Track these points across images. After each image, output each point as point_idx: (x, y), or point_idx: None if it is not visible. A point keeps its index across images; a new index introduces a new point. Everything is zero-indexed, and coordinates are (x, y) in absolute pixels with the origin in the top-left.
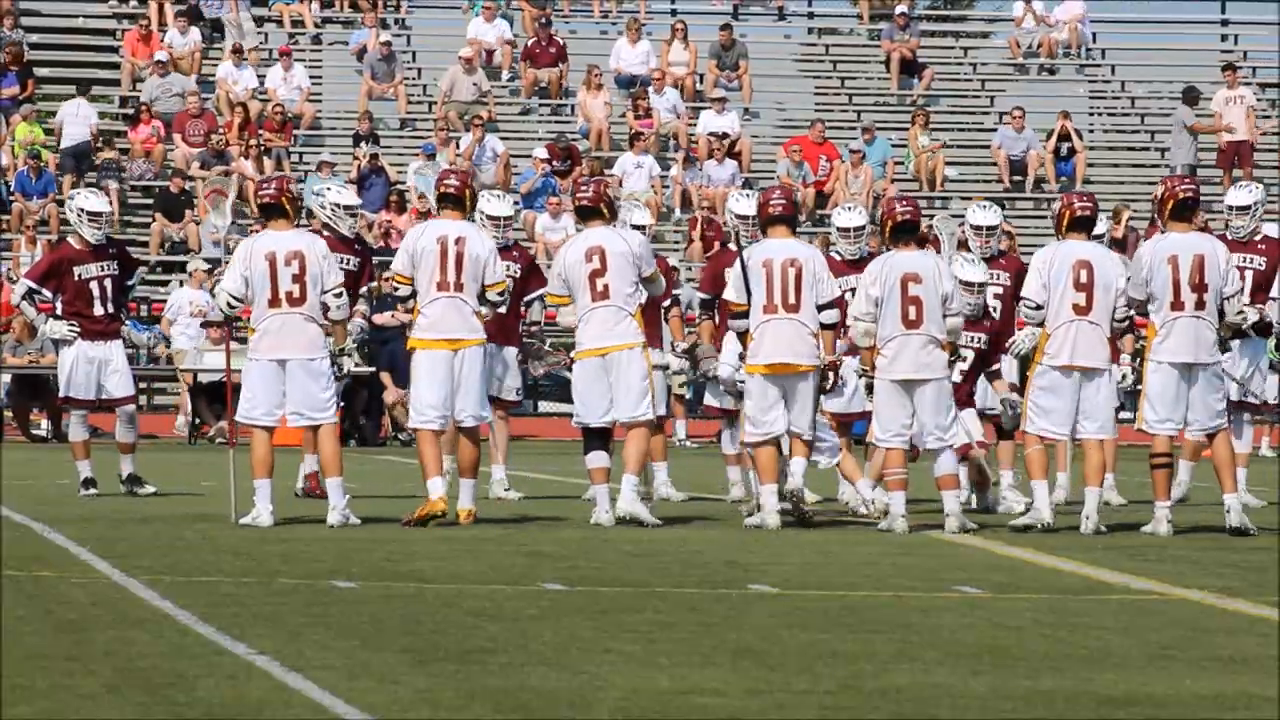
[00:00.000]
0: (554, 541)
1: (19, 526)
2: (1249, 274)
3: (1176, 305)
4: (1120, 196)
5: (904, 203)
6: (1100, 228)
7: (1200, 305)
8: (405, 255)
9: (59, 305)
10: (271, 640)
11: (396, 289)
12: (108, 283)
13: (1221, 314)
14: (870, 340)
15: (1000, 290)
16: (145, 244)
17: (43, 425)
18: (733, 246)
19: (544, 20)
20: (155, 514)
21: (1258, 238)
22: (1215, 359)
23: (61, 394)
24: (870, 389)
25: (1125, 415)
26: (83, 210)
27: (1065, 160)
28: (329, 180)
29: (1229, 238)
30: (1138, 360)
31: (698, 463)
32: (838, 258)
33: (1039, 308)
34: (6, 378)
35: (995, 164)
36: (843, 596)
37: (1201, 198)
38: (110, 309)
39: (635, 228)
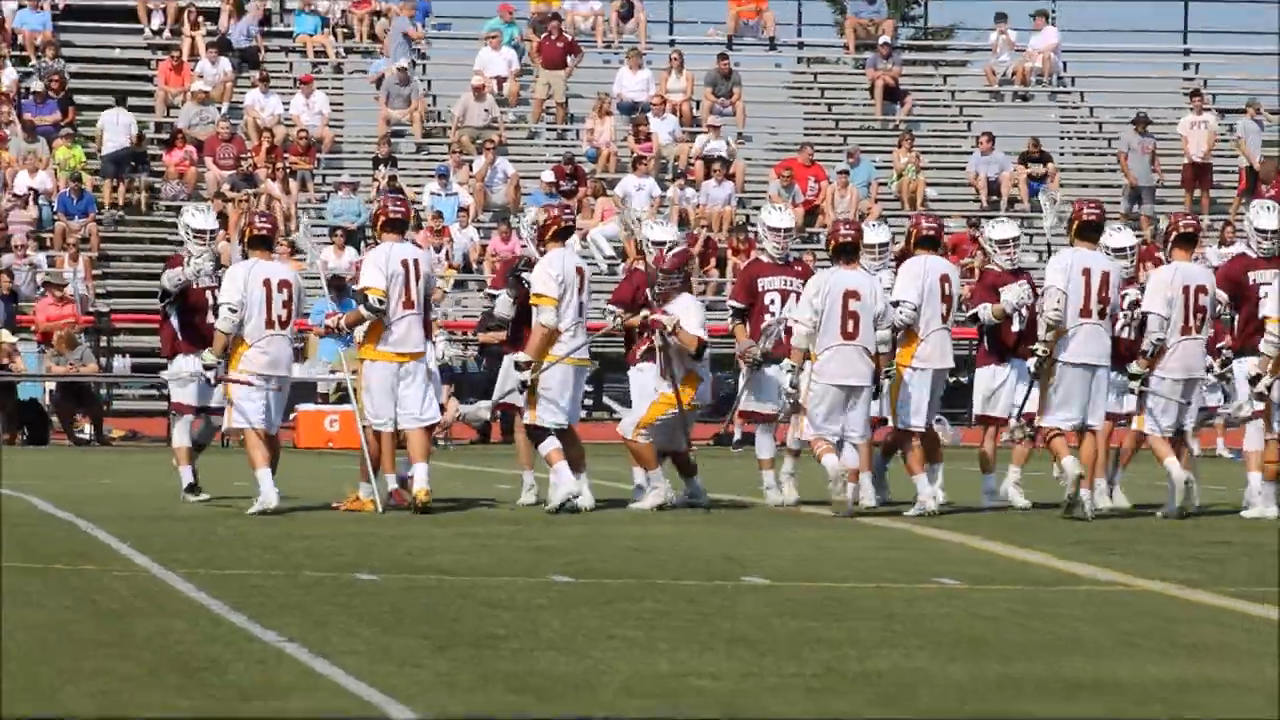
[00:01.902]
0: (561, 537)
1: (65, 524)
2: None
3: (1085, 313)
4: None
5: (847, 225)
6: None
7: (1102, 315)
8: (380, 274)
9: (176, 318)
10: (298, 628)
11: (382, 303)
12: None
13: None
14: (807, 344)
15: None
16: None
17: (85, 429)
18: (763, 258)
19: (551, 30)
20: (190, 512)
21: None
22: (1109, 364)
23: (175, 400)
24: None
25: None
26: (189, 227)
27: (1039, 180)
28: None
29: (1250, 255)
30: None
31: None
32: (764, 259)
33: (917, 309)
34: (52, 385)
35: (972, 184)
36: (830, 588)
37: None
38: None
39: (656, 244)
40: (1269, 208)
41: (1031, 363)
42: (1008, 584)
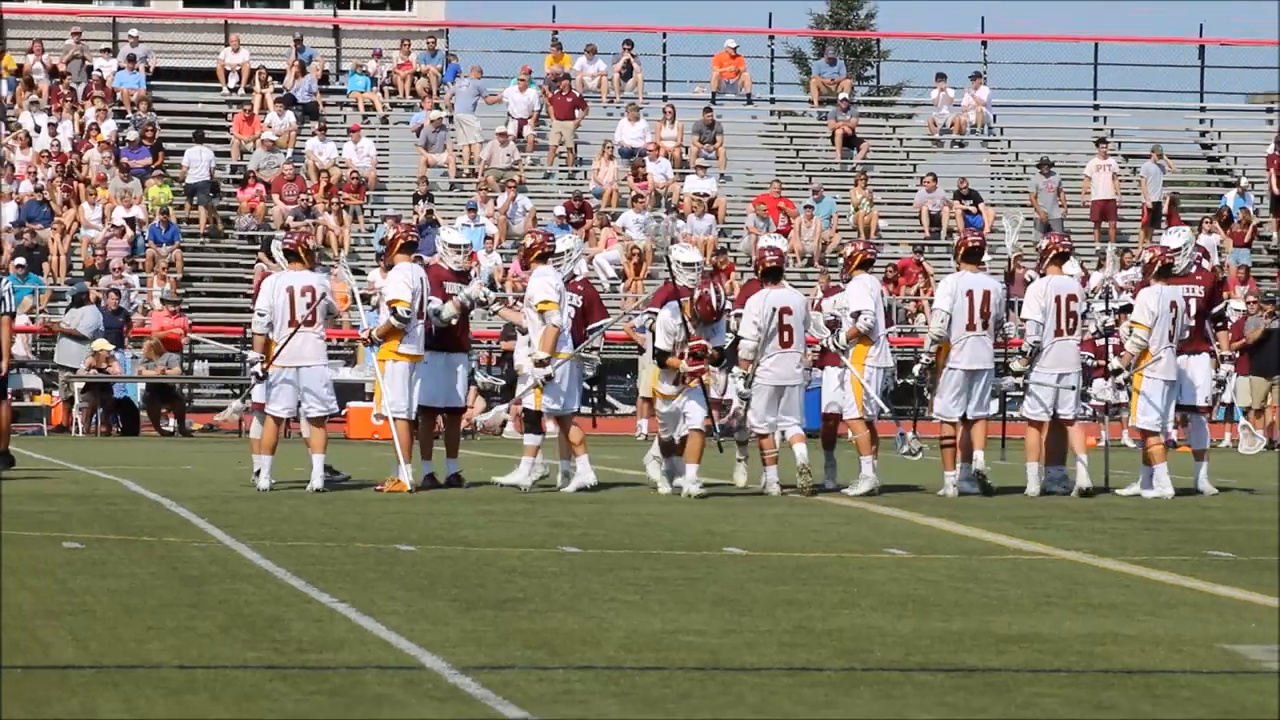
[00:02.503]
0: (571, 514)
1: (152, 502)
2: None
3: (970, 327)
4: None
5: (773, 251)
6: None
7: (985, 328)
8: (407, 289)
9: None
10: (349, 591)
11: (408, 313)
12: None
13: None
14: (753, 356)
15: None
16: (250, 281)
17: (170, 423)
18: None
19: (563, 87)
20: (258, 494)
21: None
22: (991, 367)
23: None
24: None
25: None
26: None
27: (975, 216)
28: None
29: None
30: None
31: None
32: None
33: (859, 313)
34: (142, 385)
35: (918, 217)
36: (798, 557)
37: (986, 244)
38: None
39: (685, 265)
40: (1168, 233)
41: (917, 369)
42: (947, 554)
